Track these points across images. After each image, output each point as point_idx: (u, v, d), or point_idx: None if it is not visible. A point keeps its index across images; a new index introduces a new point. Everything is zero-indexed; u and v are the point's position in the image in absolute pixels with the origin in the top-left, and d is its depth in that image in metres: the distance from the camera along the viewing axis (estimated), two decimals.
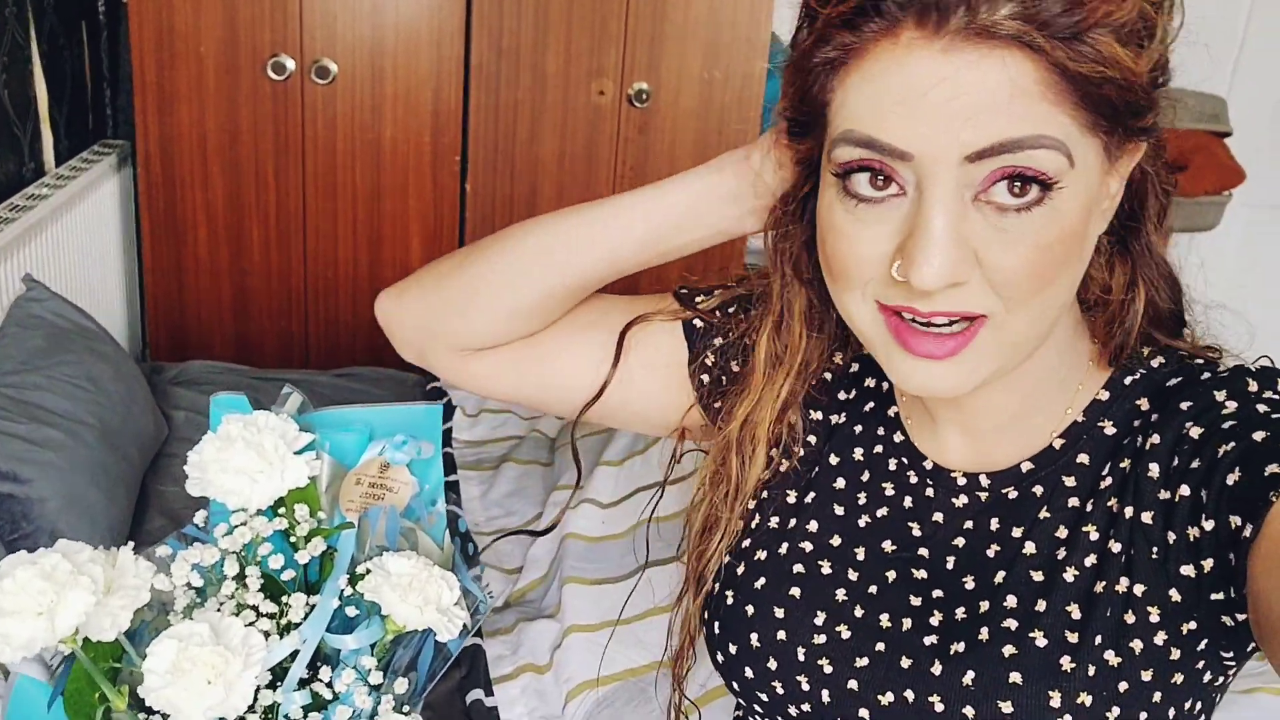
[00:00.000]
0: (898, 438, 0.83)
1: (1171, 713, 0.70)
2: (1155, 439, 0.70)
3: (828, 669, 0.77)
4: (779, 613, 0.80)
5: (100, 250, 2.53)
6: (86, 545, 0.75)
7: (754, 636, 0.81)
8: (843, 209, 0.67)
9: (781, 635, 0.79)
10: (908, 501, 0.80)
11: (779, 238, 0.81)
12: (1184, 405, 0.70)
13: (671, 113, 2.66)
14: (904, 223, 0.65)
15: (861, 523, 0.81)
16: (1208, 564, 0.66)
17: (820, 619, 0.79)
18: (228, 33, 2.42)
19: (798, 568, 0.81)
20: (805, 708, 0.79)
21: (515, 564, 1.53)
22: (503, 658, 1.31)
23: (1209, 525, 0.65)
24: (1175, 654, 0.69)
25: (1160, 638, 0.68)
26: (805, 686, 0.78)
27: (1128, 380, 0.75)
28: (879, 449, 0.84)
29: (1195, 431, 0.68)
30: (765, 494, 0.86)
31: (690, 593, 0.88)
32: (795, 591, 0.80)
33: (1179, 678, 0.69)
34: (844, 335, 0.85)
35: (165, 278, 2.58)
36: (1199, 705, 0.73)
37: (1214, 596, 0.66)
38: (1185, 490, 0.67)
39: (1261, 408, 0.67)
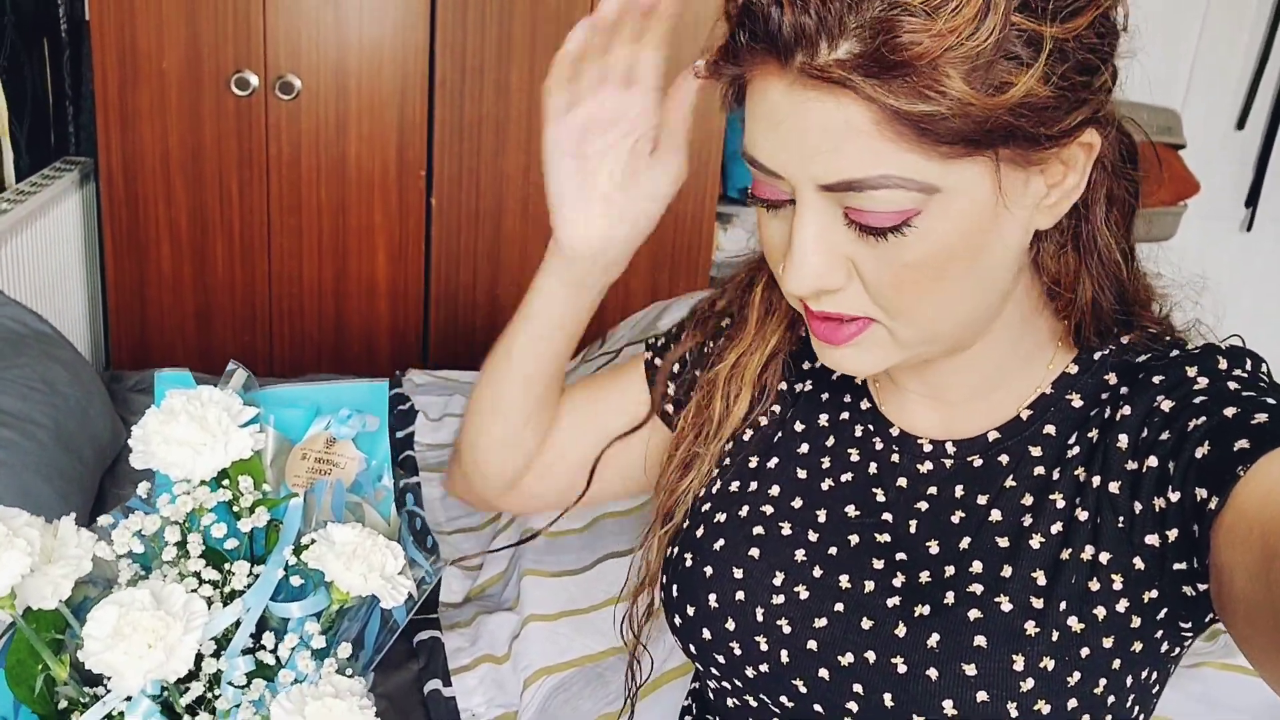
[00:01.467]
0: (864, 404, 0.84)
1: (1129, 680, 0.71)
2: (1126, 410, 0.71)
3: (786, 629, 0.78)
4: (737, 573, 0.81)
5: (62, 266, 2.52)
6: (23, 511, 0.75)
7: (712, 597, 0.81)
8: (760, 210, 0.73)
9: (740, 596, 0.80)
10: (873, 467, 0.81)
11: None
12: (1155, 379, 0.71)
13: None
14: (789, 227, 0.70)
15: (824, 486, 0.82)
16: (1172, 534, 0.67)
17: (779, 579, 0.79)
18: (190, 50, 2.43)
19: (757, 529, 0.82)
20: (764, 668, 0.79)
21: (475, 561, 1.53)
22: (461, 650, 1.31)
23: (1175, 496, 0.66)
24: (1136, 622, 0.70)
25: (1122, 605, 0.69)
26: (764, 647, 0.79)
27: (1097, 355, 0.76)
28: (845, 415, 0.85)
29: (1166, 405, 0.69)
30: (728, 460, 0.87)
31: (657, 526, 0.89)
32: (754, 552, 0.81)
33: (1138, 646, 0.70)
34: None
35: (128, 294, 2.57)
36: (1154, 675, 0.73)
37: (1176, 566, 0.67)
38: (1153, 461, 0.68)
39: (1232, 384, 0.68)
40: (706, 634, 0.82)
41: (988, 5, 0.60)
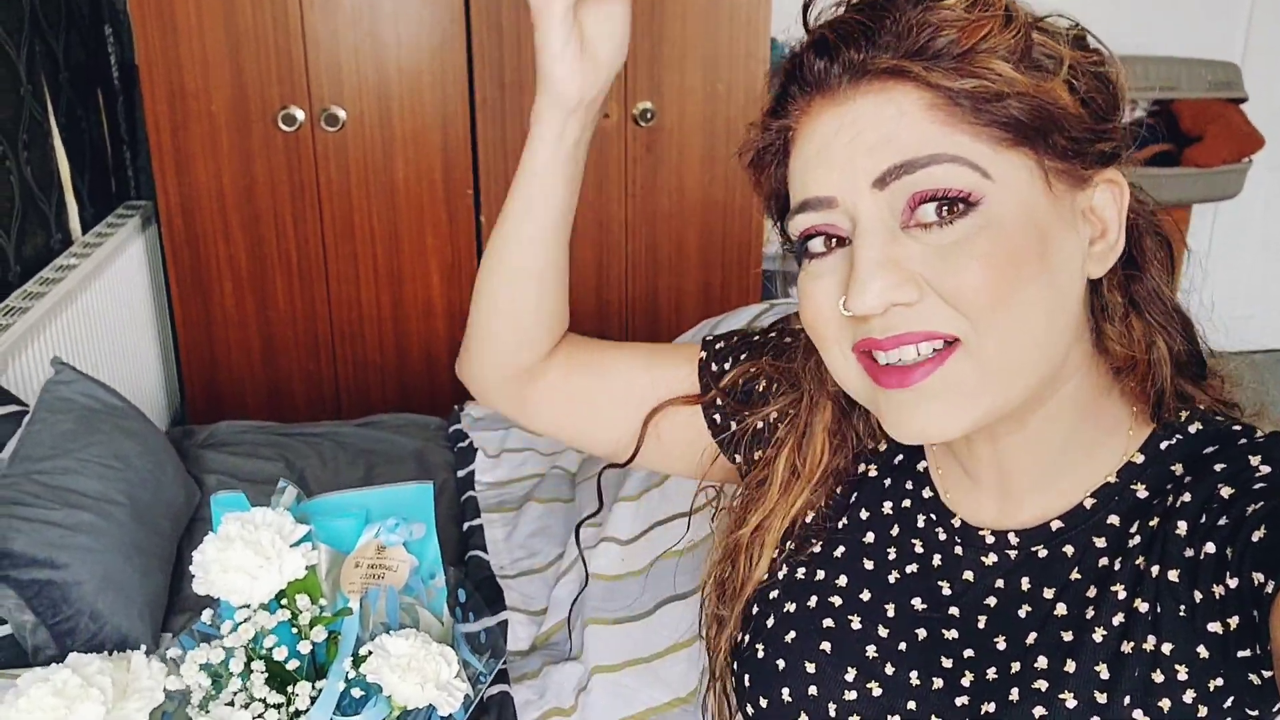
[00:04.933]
0: (926, 493, 0.83)
1: None
2: (1186, 497, 0.70)
3: None
4: (810, 668, 0.81)
5: (132, 310, 2.60)
6: (96, 656, 0.79)
7: (785, 691, 0.81)
8: (804, 273, 0.72)
9: (813, 690, 0.80)
10: (936, 559, 0.81)
11: (804, 355, 0.85)
12: (1218, 467, 0.70)
13: (677, 129, 2.68)
14: (847, 265, 0.69)
15: (891, 578, 0.82)
16: (1234, 621, 0.65)
17: (851, 675, 0.79)
18: (236, 90, 2.48)
19: (827, 622, 0.82)
20: None
21: (540, 606, 1.56)
22: (530, 703, 1.34)
23: (1234, 582, 0.65)
24: (1203, 711, 0.68)
25: (1189, 695, 0.68)
26: None
27: (1164, 445, 0.75)
28: (907, 503, 0.84)
29: (1226, 491, 0.68)
30: (791, 544, 0.87)
31: (711, 687, 0.90)
32: (826, 646, 0.81)
33: None
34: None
35: (195, 331, 2.65)
36: None
37: (1240, 654, 0.66)
38: (1211, 548, 0.67)
39: None
40: None
41: (1008, 14, 0.67)
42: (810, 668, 0.81)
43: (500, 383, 0.97)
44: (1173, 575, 0.69)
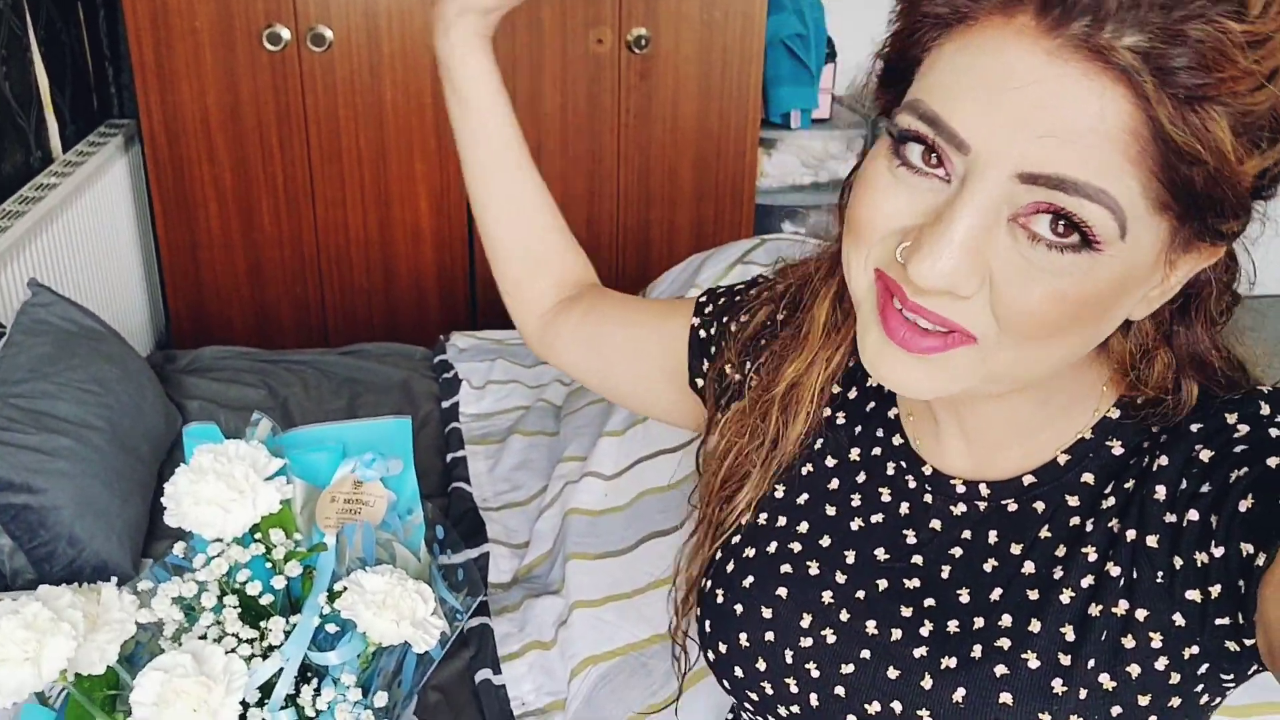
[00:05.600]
0: (897, 440, 0.81)
1: None
2: (1163, 460, 0.68)
3: (814, 673, 0.77)
4: (767, 613, 0.80)
5: (115, 231, 2.56)
6: (67, 589, 0.78)
7: (743, 636, 0.80)
8: (886, 165, 0.64)
9: (770, 636, 0.79)
10: (904, 508, 0.79)
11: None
12: (1194, 428, 0.68)
13: (672, 57, 2.63)
14: (934, 208, 0.62)
15: (854, 526, 0.80)
16: (1215, 589, 0.64)
17: (806, 621, 0.78)
18: (221, 6, 2.41)
19: (785, 568, 0.81)
20: (795, 709, 0.79)
21: (522, 539, 1.56)
22: (510, 635, 1.35)
23: (1219, 551, 0.63)
24: (1175, 678, 0.68)
25: (1161, 663, 0.67)
26: (794, 689, 0.78)
27: (1140, 400, 0.72)
28: (877, 451, 0.82)
29: (1205, 454, 0.66)
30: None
31: (707, 538, 0.86)
32: (782, 592, 0.80)
33: (1176, 701, 0.69)
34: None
35: (181, 253, 2.61)
36: None
37: (1219, 621, 0.65)
38: (1194, 515, 0.65)
39: (1274, 432, 0.65)
40: (739, 672, 0.82)
41: (1275, 71, 0.56)
42: (767, 613, 0.80)
43: (525, 320, 1.01)
44: (1151, 540, 0.68)
